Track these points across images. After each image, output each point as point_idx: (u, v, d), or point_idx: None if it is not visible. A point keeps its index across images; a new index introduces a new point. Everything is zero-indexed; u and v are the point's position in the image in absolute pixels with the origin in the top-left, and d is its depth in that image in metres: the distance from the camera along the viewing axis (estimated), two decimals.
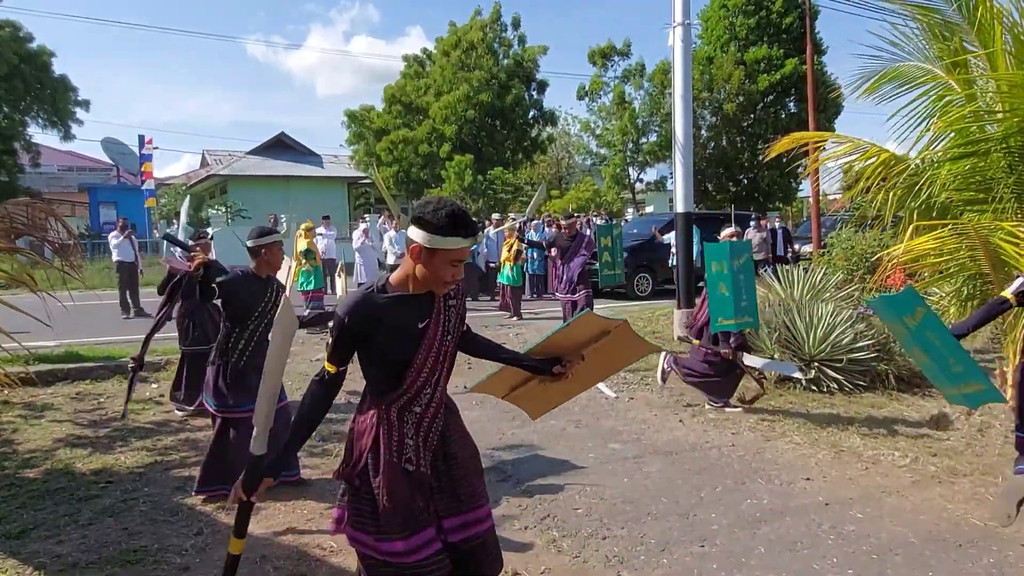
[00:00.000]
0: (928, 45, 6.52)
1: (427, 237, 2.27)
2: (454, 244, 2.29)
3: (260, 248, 4.48)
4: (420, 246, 2.29)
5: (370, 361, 2.44)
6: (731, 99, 27.62)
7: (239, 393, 4.46)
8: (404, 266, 2.39)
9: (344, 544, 3.95)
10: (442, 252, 2.29)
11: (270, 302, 4.53)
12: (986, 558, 3.85)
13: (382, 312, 2.34)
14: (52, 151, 37.12)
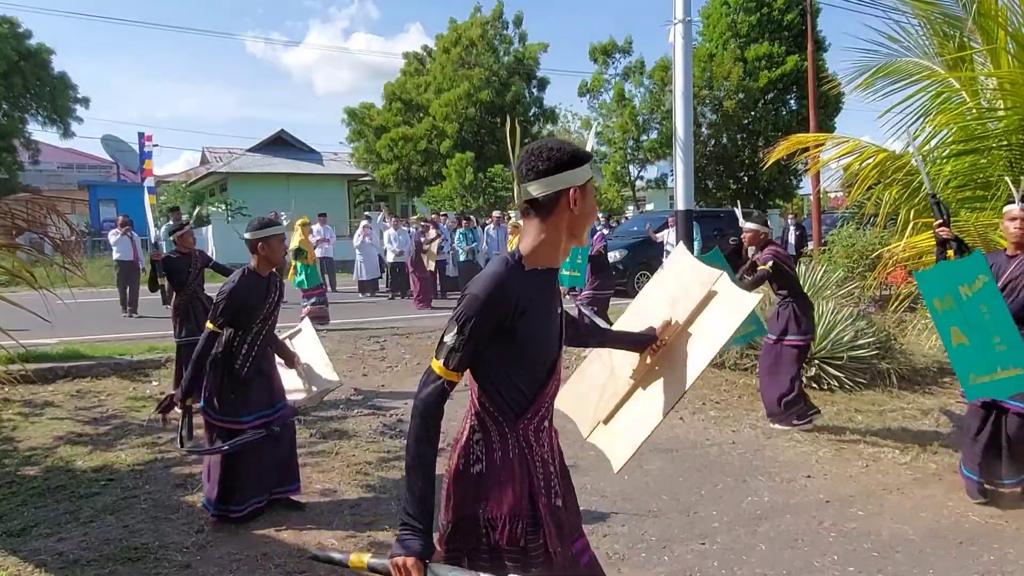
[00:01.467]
0: (928, 41, 6.52)
1: (577, 173, 1.87)
2: (591, 170, 1.95)
3: (258, 241, 4.16)
4: (574, 188, 1.86)
5: (508, 364, 1.90)
6: (731, 96, 27.59)
7: (238, 402, 4.22)
8: (537, 233, 1.90)
9: (344, 542, 3.97)
10: (591, 183, 1.93)
11: (273, 302, 4.29)
12: (986, 555, 3.85)
13: (530, 293, 1.85)
14: (52, 148, 37.11)
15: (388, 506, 4.53)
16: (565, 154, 1.86)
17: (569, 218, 1.89)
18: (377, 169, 30.85)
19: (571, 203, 1.87)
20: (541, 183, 1.85)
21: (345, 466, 5.24)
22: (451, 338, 1.83)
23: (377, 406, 6.98)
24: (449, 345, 1.83)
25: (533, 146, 1.90)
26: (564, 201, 1.86)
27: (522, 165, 1.89)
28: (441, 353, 1.84)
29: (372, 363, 8.59)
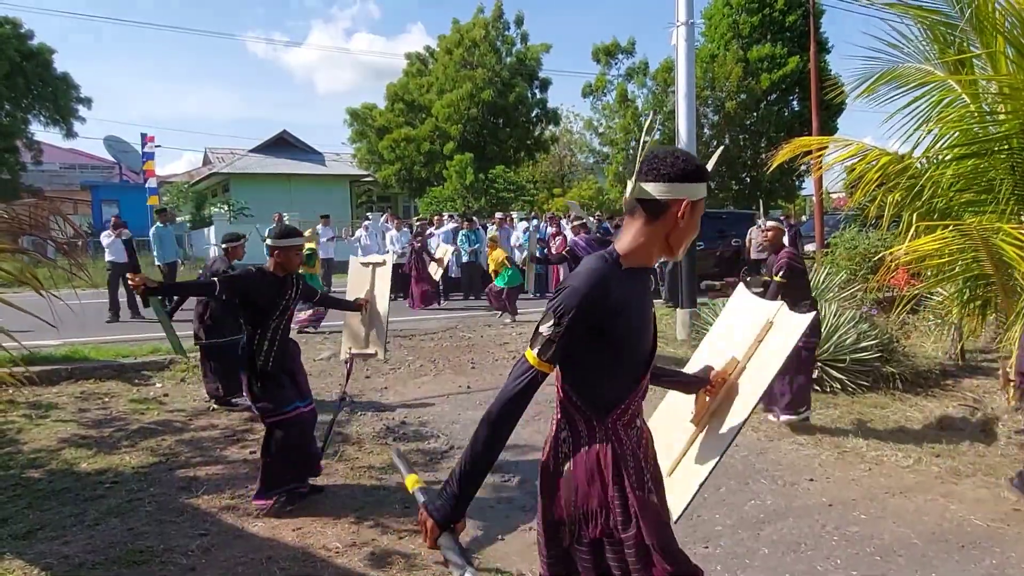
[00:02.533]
0: (929, 45, 6.52)
1: (696, 187, 1.88)
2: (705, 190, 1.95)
3: (275, 249, 4.46)
4: (688, 201, 1.86)
5: (601, 362, 1.88)
6: (733, 97, 27.60)
7: (276, 395, 4.44)
8: (638, 233, 1.90)
9: (348, 545, 3.98)
10: (702, 202, 1.93)
11: (290, 300, 4.52)
12: (988, 559, 3.86)
13: (627, 292, 1.85)
14: (54, 149, 37.17)
15: (392, 509, 4.55)
16: (690, 165, 1.87)
17: (673, 229, 1.89)
18: (379, 170, 30.90)
19: (680, 214, 1.87)
20: (659, 186, 1.85)
21: (349, 469, 5.26)
22: (547, 329, 1.81)
23: (380, 409, 6.99)
24: (545, 336, 1.81)
25: (660, 149, 1.90)
26: (675, 210, 1.87)
27: (644, 164, 1.88)
28: (536, 343, 1.83)
29: (375, 365, 8.59)
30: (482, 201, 25.73)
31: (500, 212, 18.52)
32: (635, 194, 1.87)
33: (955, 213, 6.05)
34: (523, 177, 30.66)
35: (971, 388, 7.40)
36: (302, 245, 4.62)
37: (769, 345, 2.37)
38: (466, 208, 24.59)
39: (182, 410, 6.88)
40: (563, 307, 1.79)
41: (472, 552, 3.97)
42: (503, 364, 8.84)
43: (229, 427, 6.37)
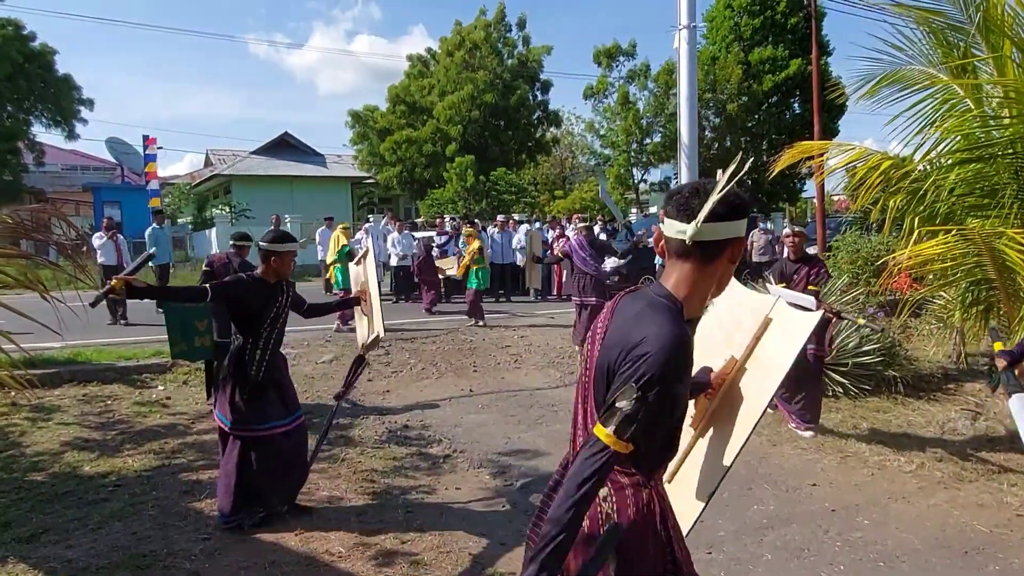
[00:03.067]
0: (933, 49, 6.52)
1: (744, 225, 1.77)
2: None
3: (271, 255, 4.29)
4: (733, 240, 1.75)
5: (661, 422, 1.71)
6: (734, 100, 27.60)
7: (258, 410, 4.28)
8: (695, 278, 1.76)
9: (352, 549, 3.98)
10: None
11: (281, 308, 4.38)
12: (992, 565, 3.86)
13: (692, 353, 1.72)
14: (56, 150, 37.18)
15: (395, 513, 4.55)
16: (741, 202, 1.74)
17: (724, 270, 1.78)
18: (380, 172, 30.92)
19: (732, 254, 1.76)
20: (718, 227, 1.71)
21: (352, 473, 5.26)
22: (629, 405, 1.60)
23: (382, 412, 7.00)
24: (626, 413, 1.60)
25: (705, 184, 1.75)
26: (729, 251, 1.75)
27: (693, 200, 1.72)
28: (612, 421, 1.61)
29: (377, 368, 8.60)
30: (483, 203, 25.73)
31: (502, 215, 18.50)
32: (700, 236, 1.70)
33: (958, 217, 6.05)
34: (524, 179, 30.68)
35: (973, 392, 7.39)
36: (296, 252, 4.48)
37: (770, 346, 2.21)
38: (467, 210, 24.59)
39: (184, 413, 6.88)
40: (647, 379, 1.59)
41: (474, 554, 3.97)
42: (505, 367, 8.84)
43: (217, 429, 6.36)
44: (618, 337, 1.73)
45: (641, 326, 1.68)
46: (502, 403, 7.32)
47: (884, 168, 6.10)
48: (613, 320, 1.82)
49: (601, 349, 1.79)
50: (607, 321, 1.84)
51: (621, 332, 1.73)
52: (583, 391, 1.88)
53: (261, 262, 4.35)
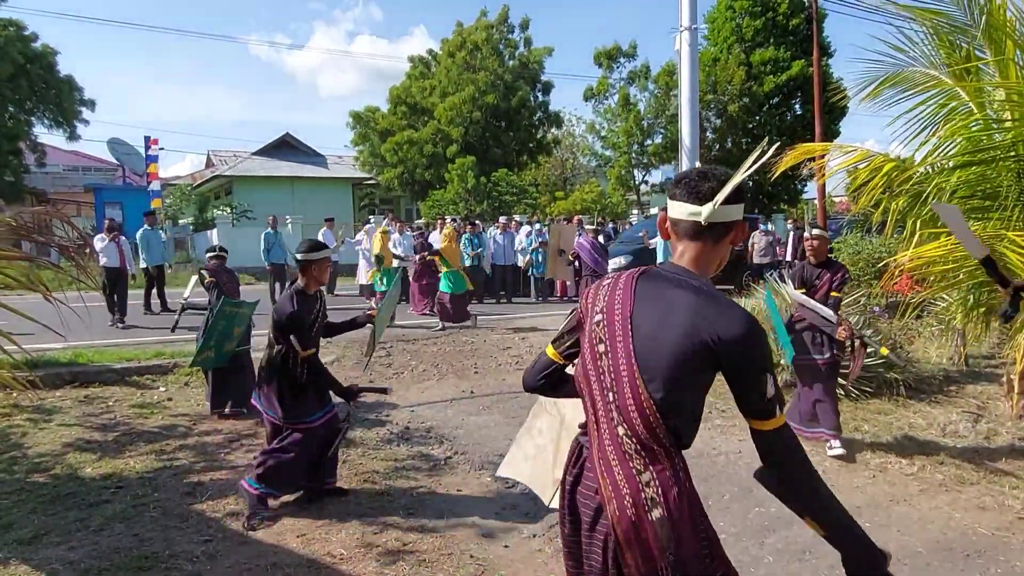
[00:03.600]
0: (935, 51, 6.52)
1: (740, 208, 1.90)
2: None
3: (311, 263, 4.50)
4: (738, 222, 1.89)
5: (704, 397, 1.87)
6: (735, 101, 27.61)
7: (302, 406, 4.58)
8: (709, 257, 1.89)
9: (354, 551, 3.99)
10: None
11: (319, 315, 4.62)
12: (994, 568, 3.86)
13: None
14: (58, 151, 37.20)
15: (396, 515, 4.55)
16: (740, 187, 1.86)
17: (725, 252, 1.91)
18: (381, 173, 30.94)
19: (736, 235, 1.90)
20: (727, 208, 1.83)
21: (353, 474, 5.26)
22: (774, 388, 1.75)
23: (383, 414, 7.00)
24: (775, 394, 1.76)
25: (715, 170, 1.88)
26: (733, 232, 1.89)
27: (703, 184, 1.84)
28: (778, 406, 1.77)
29: (378, 370, 8.61)
30: (484, 204, 25.74)
31: (504, 216, 18.50)
32: (715, 217, 1.82)
33: None
34: (525, 180, 30.68)
35: (975, 394, 7.38)
36: (331, 256, 4.70)
37: None
38: (468, 211, 24.60)
39: (186, 414, 6.89)
40: (768, 355, 1.76)
41: (476, 556, 3.97)
42: (506, 369, 8.84)
43: (233, 431, 6.37)
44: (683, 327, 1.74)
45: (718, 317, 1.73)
46: (503, 404, 7.33)
47: (886, 170, 6.10)
48: (642, 303, 1.84)
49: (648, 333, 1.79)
50: (630, 302, 1.85)
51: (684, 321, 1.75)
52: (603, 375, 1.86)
53: (300, 274, 4.56)
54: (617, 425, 1.81)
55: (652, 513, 1.73)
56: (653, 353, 1.77)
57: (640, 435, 1.77)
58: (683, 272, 1.85)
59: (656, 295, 1.83)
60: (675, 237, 1.91)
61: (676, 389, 1.75)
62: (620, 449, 1.80)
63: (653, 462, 1.77)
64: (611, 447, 1.81)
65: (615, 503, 1.78)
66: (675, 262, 1.89)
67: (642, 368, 1.77)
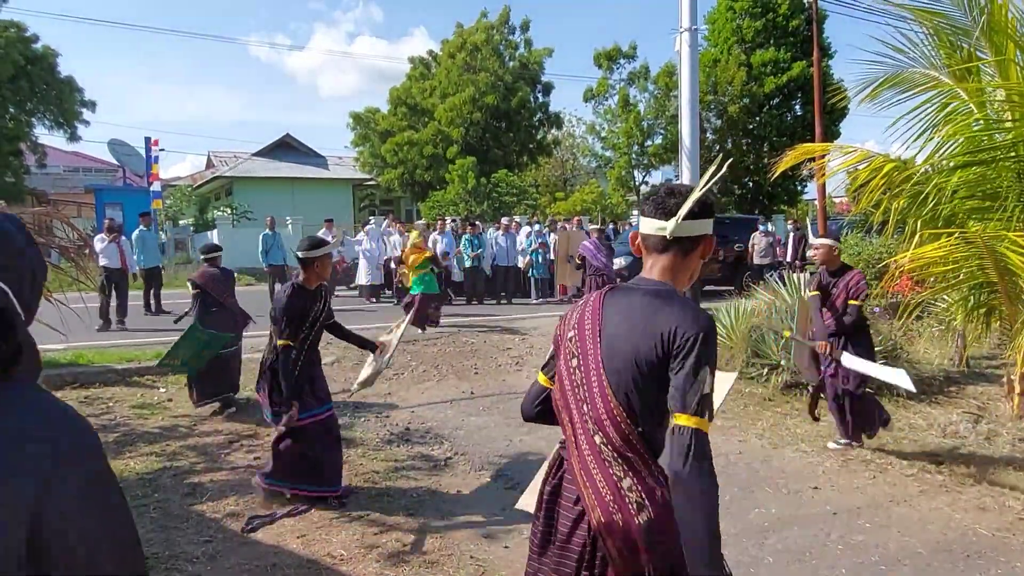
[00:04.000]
0: (936, 51, 6.52)
1: (708, 223, 1.93)
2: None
3: (313, 260, 4.56)
4: (705, 236, 1.93)
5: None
6: (736, 102, 27.62)
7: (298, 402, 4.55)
8: (676, 270, 1.91)
9: (354, 552, 3.99)
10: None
11: (320, 311, 4.66)
12: (994, 569, 3.86)
13: None
14: (58, 152, 37.21)
15: (396, 515, 4.55)
16: (711, 203, 1.91)
17: (696, 264, 1.95)
18: (382, 174, 30.94)
19: (704, 249, 1.93)
20: (694, 224, 1.87)
21: (353, 475, 5.26)
22: (709, 388, 1.70)
23: (383, 414, 7.00)
24: (708, 396, 1.70)
25: (681, 185, 1.93)
26: (702, 246, 1.92)
27: (669, 200, 1.88)
28: (705, 408, 1.69)
29: None
30: (484, 205, 25.74)
31: (505, 217, 18.50)
32: (681, 231, 1.86)
33: (960, 220, 6.05)
34: (526, 181, 30.69)
35: (975, 395, 7.39)
36: (332, 253, 4.77)
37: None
38: (468, 212, 24.60)
39: (186, 415, 6.88)
40: (710, 356, 1.72)
41: (476, 557, 3.97)
42: (506, 369, 8.84)
43: (234, 432, 6.37)
44: (641, 329, 1.78)
45: (666, 317, 1.76)
46: (503, 405, 7.33)
47: (886, 171, 6.10)
48: (609, 315, 1.89)
49: (613, 342, 1.83)
50: (598, 315, 1.90)
51: (638, 327, 1.79)
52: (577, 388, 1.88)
53: (303, 270, 4.61)
54: (594, 435, 1.84)
55: (639, 517, 1.75)
56: (619, 359, 1.81)
57: (616, 444, 1.80)
58: (650, 283, 1.90)
59: (622, 306, 1.88)
60: (645, 252, 1.95)
61: (644, 392, 1.77)
62: (600, 457, 1.82)
63: (631, 469, 1.79)
64: (591, 456, 1.83)
65: (599, 510, 1.79)
66: (645, 275, 1.93)
67: (608, 375, 1.81)
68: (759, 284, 10.27)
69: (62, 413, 1.01)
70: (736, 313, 8.35)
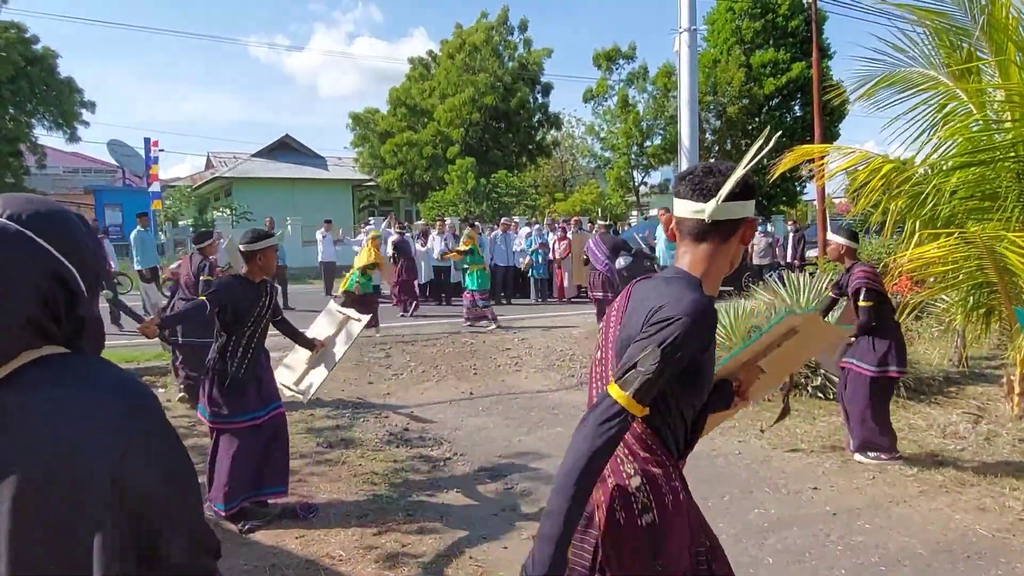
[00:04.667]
0: (935, 51, 6.52)
1: (749, 205, 1.79)
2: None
3: (255, 253, 4.41)
4: (746, 220, 1.79)
5: (684, 399, 1.74)
6: (735, 102, 27.63)
7: (234, 403, 4.40)
8: (713, 257, 1.77)
9: (353, 553, 3.98)
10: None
11: (265, 307, 4.50)
12: (994, 570, 3.85)
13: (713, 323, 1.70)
14: (58, 153, 37.21)
15: (395, 516, 4.54)
16: (751, 182, 1.78)
17: (736, 250, 1.81)
18: (381, 174, 30.96)
19: (745, 233, 1.80)
20: (731, 205, 1.74)
21: (352, 475, 5.25)
22: (649, 366, 1.56)
23: (382, 415, 6.99)
24: (644, 373, 1.56)
25: (722, 165, 1.78)
26: (742, 230, 1.79)
27: (707, 179, 1.75)
28: (631, 382, 1.56)
29: (377, 371, 8.60)
30: (484, 206, 25.74)
31: (505, 217, 18.50)
32: (719, 215, 1.74)
33: (959, 220, 6.05)
34: (525, 182, 30.70)
35: (975, 396, 7.37)
36: (277, 245, 4.62)
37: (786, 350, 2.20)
38: (468, 213, 24.61)
39: (186, 416, 6.88)
40: (671, 341, 1.57)
41: (475, 557, 3.97)
42: (505, 370, 8.84)
43: None
44: (637, 312, 1.73)
45: (659, 296, 1.69)
46: (502, 406, 7.32)
47: (885, 171, 6.10)
48: (629, 302, 1.82)
49: (620, 328, 1.79)
50: (623, 304, 1.84)
51: (639, 307, 1.74)
52: (596, 376, 1.86)
53: (246, 263, 4.47)
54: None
55: (643, 517, 1.70)
56: (621, 345, 1.74)
57: (626, 439, 1.72)
58: (674, 271, 1.79)
59: (639, 294, 1.81)
60: (679, 237, 1.82)
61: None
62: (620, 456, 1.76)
63: (643, 468, 1.72)
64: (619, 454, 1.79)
65: (604, 508, 1.74)
66: (676, 264, 1.81)
67: (615, 361, 1.75)
68: (758, 284, 10.26)
69: (124, 380, 1.12)
70: (735, 313, 8.33)
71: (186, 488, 1.13)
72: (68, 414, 1.03)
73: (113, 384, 1.10)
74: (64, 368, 1.09)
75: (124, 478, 1.02)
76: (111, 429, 1.03)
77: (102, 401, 1.06)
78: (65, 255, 1.11)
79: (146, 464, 1.05)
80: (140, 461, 1.05)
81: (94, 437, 1.02)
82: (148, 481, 1.05)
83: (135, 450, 1.04)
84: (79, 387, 1.07)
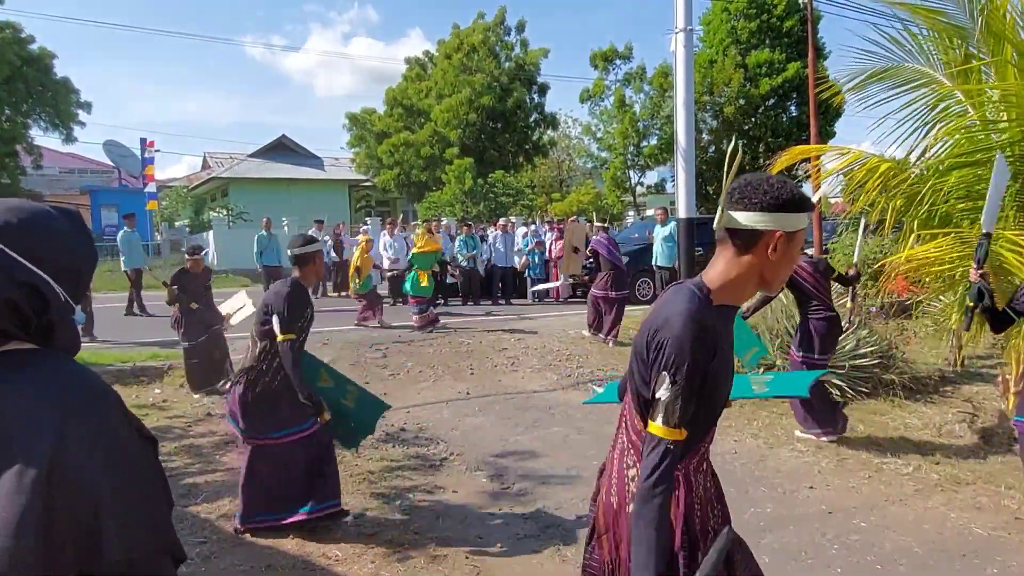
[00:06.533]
0: (933, 47, 6.52)
1: (792, 218, 1.72)
2: (807, 220, 1.81)
3: (312, 255, 4.24)
4: (781, 233, 1.71)
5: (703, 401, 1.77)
6: (731, 102, 27.65)
7: (268, 418, 4.15)
8: (729, 266, 1.77)
9: (349, 552, 3.98)
10: (801, 233, 1.77)
11: (312, 312, 4.31)
12: (990, 568, 3.86)
13: (720, 331, 1.74)
14: (54, 153, 37.13)
15: (392, 516, 4.54)
16: (784, 194, 1.72)
17: (763, 263, 1.75)
18: (378, 175, 30.94)
19: (770, 247, 1.72)
20: (747, 215, 1.72)
21: (348, 476, 5.24)
22: (666, 392, 1.65)
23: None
24: (665, 401, 1.65)
25: (753, 176, 1.77)
26: (764, 242, 1.73)
27: (735, 191, 1.75)
28: (658, 413, 1.66)
29: (374, 371, 8.59)
30: (481, 206, 25.73)
31: (503, 218, 18.48)
32: (723, 223, 1.75)
33: (956, 220, 6.06)
34: (522, 182, 30.69)
35: (970, 395, 7.38)
36: (322, 250, 4.55)
37: None
38: (465, 213, 24.59)
39: (182, 416, 6.87)
40: (674, 363, 1.64)
41: (471, 557, 3.96)
42: (502, 370, 8.83)
43: (228, 433, 6.34)
44: (647, 323, 1.80)
45: (659, 311, 1.76)
46: (499, 406, 7.32)
47: (882, 171, 6.12)
48: (652, 311, 1.87)
49: (637, 335, 1.85)
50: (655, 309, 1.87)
51: (650, 318, 1.81)
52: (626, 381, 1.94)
53: (300, 268, 4.24)
54: (623, 433, 1.90)
55: (631, 506, 1.73)
56: (635, 356, 1.82)
57: (634, 441, 1.83)
58: (693, 279, 1.82)
59: (655, 306, 1.86)
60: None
61: (649, 388, 1.74)
62: (621, 456, 1.87)
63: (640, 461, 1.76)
64: (616, 453, 1.90)
65: (604, 490, 1.88)
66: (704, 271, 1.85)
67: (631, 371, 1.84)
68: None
69: (76, 375, 1.16)
70: None
71: (132, 483, 1.14)
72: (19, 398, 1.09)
73: (68, 378, 1.15)
74: (25, 362, 1.14)
75: (63, 464, 1.06)
76: (56, 419, 1.08)
77: (54, 392, 1.11)
78: (37, 264, 1.15)
79: (88, 456, 1.08)
80: (82, 453, 1.08)
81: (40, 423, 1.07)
82: (88, 472, 1.08)
83: (77, 441, 1.08)
84: (33, 378, 1.12)
